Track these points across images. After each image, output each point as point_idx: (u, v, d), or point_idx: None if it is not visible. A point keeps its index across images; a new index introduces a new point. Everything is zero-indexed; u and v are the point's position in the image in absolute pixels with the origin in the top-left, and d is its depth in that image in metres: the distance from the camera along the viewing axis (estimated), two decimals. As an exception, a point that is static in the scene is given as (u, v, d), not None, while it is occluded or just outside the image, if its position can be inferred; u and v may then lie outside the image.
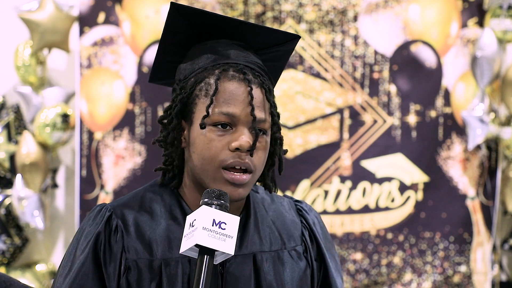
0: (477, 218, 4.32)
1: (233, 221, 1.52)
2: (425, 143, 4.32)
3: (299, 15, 4.28)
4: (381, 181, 4.32)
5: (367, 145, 4.32)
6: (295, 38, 1.79)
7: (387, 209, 4.33)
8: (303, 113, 4.31)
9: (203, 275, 1.48)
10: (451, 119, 4.30)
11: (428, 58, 4.30)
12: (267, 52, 1.79)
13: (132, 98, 4.31)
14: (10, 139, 4.40)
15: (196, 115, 1.69)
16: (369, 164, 4.32)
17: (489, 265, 4.33)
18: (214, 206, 1.53)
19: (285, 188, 4.28)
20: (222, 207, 1.54)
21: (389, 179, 4.31)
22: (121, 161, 4.33)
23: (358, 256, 4.34)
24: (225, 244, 1.50)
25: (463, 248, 4.34)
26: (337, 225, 4.33)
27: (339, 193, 4.32)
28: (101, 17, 4.31)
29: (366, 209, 4.33)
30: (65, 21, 4.29)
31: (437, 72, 4.30)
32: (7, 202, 4.40)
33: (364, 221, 4.34)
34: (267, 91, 1.70)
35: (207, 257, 1.49)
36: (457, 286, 4.34)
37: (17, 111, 4.45)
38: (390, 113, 4.31)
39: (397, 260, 4.34)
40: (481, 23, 4.26)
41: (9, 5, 4.35)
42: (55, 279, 1.75)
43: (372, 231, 4.34)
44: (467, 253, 4.34)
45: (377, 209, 4.32)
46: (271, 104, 1.71)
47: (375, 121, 4.31)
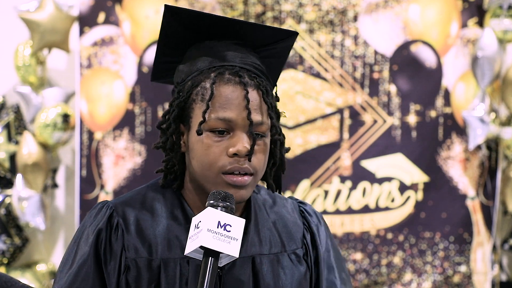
0: (477, 218, 4.32)
1: (238, 224, 1.52)
2: (425, 143, 4.32)
3: (299, 15, 4.28)
4: (381, 181, 4.32)
5: (367, 145, 4.32)
6: (293, 34, 1.79)
7: (387, 209, 4.33)
8: (303, 113, 4.31)
9: (207, 277, 1.48)
10: (451, 119, 4.31)
11: (428, 58, 4.30)
12: (266, 49, 1.78)
13: (132, 98, 4.31)
14: (10, 139, 4.40)
15: (193, 120, 1.68)
16: (369, 164, 4.32)
17: (489, 265, 4.33)
18: (219, 208, 1.53)
19: (285, 188, 4.28)
20: (227, 209, 1.54)
21: (389, 179, 4.31)
22: (121, 161, 4.33)
23: (358, 256, 4.34)
24: (230, 246, 1.49)
25: (463, 248, 4.34)
26: (337, 225, 4.33)
27: (339, 193, 4.32)
28: (101, 17, 4.31)
29: (366, 209, 4.33)
30: (65, 21, 4.29)
31: (437, 72, 4.30)
32: (7, 202, 4.40)
33: (364, 221, 4.34)
34: (264, 92, 1.69)
35: (211, 259, 1.49)
36: (457, 286, 4.34)
37: (17, 111, 4.45)
38: (390, 113, 4.31)
39: (397, 260, 4.34)
40: (481, 23, 4.26)
41: (9, 5, 4.35)
42: (56, 274, 1.75)
43: (372, 231, 4.34)
44: (467, 253, 4.34)
45: (377, 209, 4.32)
46: (269, 105, 1.70)
47: (375, 121, 4.31)
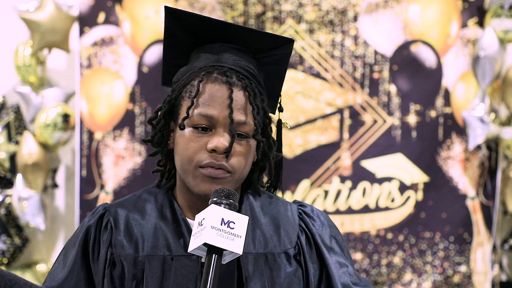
0: (477, 218, 4.32)
1: (241, 221, 1.52)
2: (425, 143, 4.32)
3: (299, 15, 4.29)
4: (381, 181, 4.32)
5: (367, 145, 4.32)
6: (289, 42, 1.80)
7: (387, 209, 4.33)
8: (303, 113, 4.31)
9: (211, 274, 1.48)
10: (451, 119, 4.31)
11: (428, 58, 4.30)
12: (265, 56, 1.80)
13: (132, 98, 4.31)
14: (10, 139, 4.40)
15: (181, 116, 1.72)
16: (369, 164, 4.32)
17: (489, 265, 4.33)
18: (223, 205, 1.54)
19: (285, 188, 4.25)
20: (231, 207, 1.54)
21: (389, 179, 4.31)
22: (121, 161, 4.33)
23: (358, 256, 4.34)
24: (234, 243, 1.50)
25: (463, 248, 4.34)
26: (337, 225, 4.31)
27: (339, 193, 4.32)
28: (101, 17, 4.31)
29: (366, 209, 4.33)
30: (65, 21, 4.29)
31: (437, 72, 4.30)
32: (7, 202, 4.40)
33: (364, 221, 4.34)
34: (251, 94, 1.71)
35: (215, 256, 1.49)
36: (457, 286, 4.34)
37: (17, 111, 4.44)
38: (390, 113, 4.31)
39: (397, 260, 4.34)
40: (481, 23, 4.27)
41: (9, 5, 4.35)
42: (49, 274, 1.80)
43: (372, 231, 4.34)
44: (467, 253, 4.34)
45: (377, 209, 4.32)
46: (254, 107, 1.71)
47: (375, 121, 4.32)
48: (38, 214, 4.32)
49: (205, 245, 1.49)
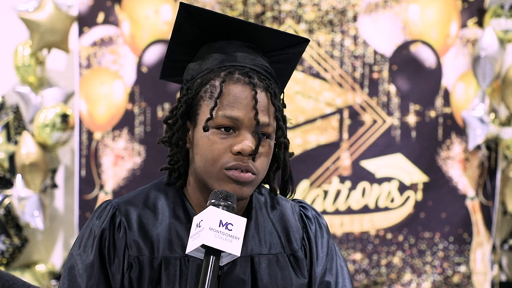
0: (477, 218, 4.32)
1: (240, 223, 1.52)
2: (425, 143, 4.32)
3: (299, 15, 4.28)
4: (380, 181, 4.32)
5: (366, 145, 4.32)
6: (304, 41, 1.79)
7: (386, 209, 4.33)
8: (303, 113, 4.31)
9: (209, 276, 1.48)
10: (451, 119, 4.31)
11: (427, 58, 4.30)
12: (276, 54, 1.79)
13: (131, 98, 4.31)
14: (9, 139, 4.40)
15: (200, 116, 1.69)
16: (368, 164, 4.32)
17: (489, 265, 4.33)
18: (221, 207, 1.53)
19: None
20: (229, 208, 1.54)
21: (388, 179, 4.31)
22: (120, 161, 4.33)
23: (357, 256, 4.34)
24: (232, 245, 1.49)
25: (462, 248, 4.34)
26: (337, 225, 4.33)
27: (338, 193, 4.32)
28: (101, 17, 4.31)
29: (365, 209, 4.33)
30: (64, 21, 4.29)
31: (437, 72, 4.30)
32: (7, 202, 4.40)
33: (363, 221, 4.34)
34: (272, 95, 1.69)
35: (213, 257, 1.49)
36: (456, 286, 4.34)
37: (17, 111, 4.45)
38: (389, 113, 4.31)
39: (396, 260, 4.34)
40: (480, 23, 4.27)
41: (8, 5, 4.35)
42: (62, 276, 1.75)
43: (371, 231, 4.34)
44: (466, 253, 4.34)
45: (377, 209, 4.32)
46: (276, 108, 1.70)
47: (375, 121, 4.32)
48: (36, 214, 4.32)
49: (203, 246, 1.49)
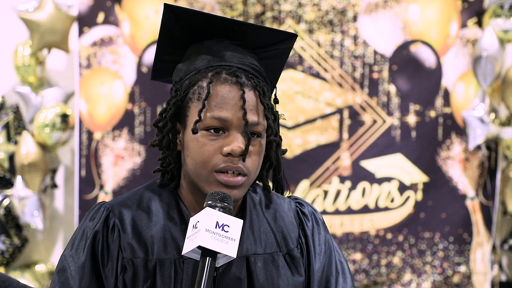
0: (477, 218, 4.32)
1: (236, 224, 1.52)
2: (425, 143, 4.32)
3: (299, 15, 4.28)
4: (380, 181, 4.32)
5: (366, 145, 4.32)
6: (292, 37, 1.78)
7: (386, 209, 4.33)
8: (303, 113, 4.31)
9: (205, 277, 1.48)
10: (451, 119, 4.30)
11: (427, 58, 4.30)
12: (265, 51, 1.77)
13: (131, 98, 4.31)
14: (9, 139, 4.40)
15: (189, 118, 1.68)
16: (368, 164, 4.32)
17: (489, 265, 4.33)
18: (217, 208, 1.53)
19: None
20: (225, 210, 1.54)
21: (388, 179, 4.31)
22: (120, 161, 4.33)
23: (357, 256, 4.34)
24: (228, 246, 1.49)
25: (462, 248, 4.34)
26: (337, 225, 4.32)
27: (338, 193, 4.32)
28: (101, 17, 4.31)
29: (365, 209, 4.33)
30: (64, 21, 4.29)
31: (437, 72, 4.30)
32: (7, 202, 4.40)
33: (363, 221, 4.34)
34: (261, 93, 1.68)
35: (209, 259, 1.49)
36: (456, 286, 4.34)
37: (17, 111, 4.45)
38: (389, 113, 4.31)
39: (396, 260, 4.34)
40: (480, 23, 4.26)
41: (8, 5, 4.35)
42: (54, 278, 1.75)
43: (371, 231, 4.34)
44: (466, 253, 4.34)
45: (377, 209, 4.32)
46: (265, 106, 1.69)
47: (375, 121, 4.31)
48: (36, 214, 4.32)
49: (199, 248, 1.49)
